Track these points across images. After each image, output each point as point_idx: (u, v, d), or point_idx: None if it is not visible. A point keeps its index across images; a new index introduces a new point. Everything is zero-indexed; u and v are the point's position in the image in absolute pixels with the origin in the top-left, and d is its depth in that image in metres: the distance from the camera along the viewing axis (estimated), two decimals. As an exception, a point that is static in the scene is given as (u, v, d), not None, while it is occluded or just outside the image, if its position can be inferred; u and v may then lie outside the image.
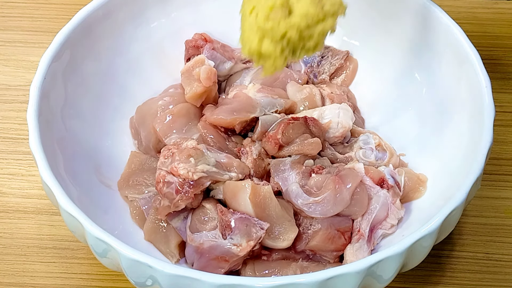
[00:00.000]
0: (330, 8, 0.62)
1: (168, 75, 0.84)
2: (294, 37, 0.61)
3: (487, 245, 0.77)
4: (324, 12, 0.61)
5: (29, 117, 0.70)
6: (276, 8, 0.60)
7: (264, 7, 0.61)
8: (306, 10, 0.60)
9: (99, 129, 0.79)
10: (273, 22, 0.60)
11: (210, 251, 0.68)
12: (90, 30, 0.79)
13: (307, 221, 0.71)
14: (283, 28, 0.61)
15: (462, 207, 0.66)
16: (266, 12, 0.61)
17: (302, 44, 0.62)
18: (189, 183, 0.69)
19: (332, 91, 0.82)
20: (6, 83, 0.91)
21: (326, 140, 0.77)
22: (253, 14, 0.62)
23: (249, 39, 0.62)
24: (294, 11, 0.61)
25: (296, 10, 0.61)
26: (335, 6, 0.62)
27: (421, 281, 0.75)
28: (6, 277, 0.75)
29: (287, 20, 0.60)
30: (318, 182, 0.72)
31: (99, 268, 0.75)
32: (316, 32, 0.62)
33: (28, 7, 0.99)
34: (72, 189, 0.70)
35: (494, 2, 0.99)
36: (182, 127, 0.77)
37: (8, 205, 0.80)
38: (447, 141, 0.75)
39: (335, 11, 0.62)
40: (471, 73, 0.74)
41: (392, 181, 0.73)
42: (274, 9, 0.60)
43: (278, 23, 0.61)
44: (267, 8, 0.61)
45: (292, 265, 0.70)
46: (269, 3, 0.60)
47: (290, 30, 0.61)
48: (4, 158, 0.84)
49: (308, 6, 0.60)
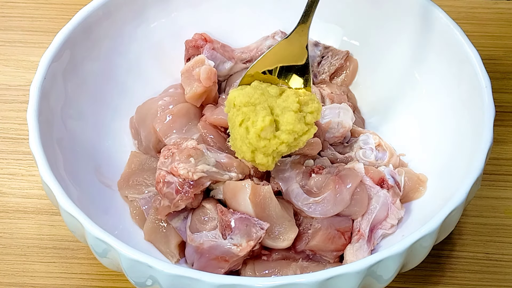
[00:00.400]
0: (311, 119, 0.69)
1: (168, 75, 0.84)
2: (283, 150, 0.68)
3: (487, 245, 0.77)
4: (307, 124, 0.68)
5: (29, 117, 0.70)
6: (265, 128, 0.67)
7: (255, 127, 0.67)
8: (292, 127, 0.67)
9: (99, 129, 0.79)
10: (264, 141, 0.67)
11: (210, 251, 0.68)
12: (90, 30, 0.79)
13: (307, 221, 0.71)
14: (274, 145, 0.67)
15: (462, 207, 0.66)
16: (257, 132, 0.67)
17: (289, 150, 0.69)
18: (189, 183, 0.69)
19: (332, 91, 0.82)
20: (6, 83, 0.91)
21: (326, 140, 0.77)
22: (242, 126, 0.68)
23: (241, 149, 0.68)
24: (281, 127, 0.68)
25: (283, 126, 0.67)
26: (315, 114, 0.69)
27: (421, 281, 0.75)
28: (6, 277, 0.75)
29: (276, 138, 0.67)
30: (318, 182, 0.72)
31: (99, 268, 0.75)
32: (301, 141, 0.69)
33: (28, 7, 0.99)
34: (72, 189, 0.70)
35: (494, 2, 0.99)
36: (182, 127, 0.77)
37: (8, 205, 0.80)
38: (447, 141, 0.75)
39: (315, 118, 0.69)
40: (471, 73, 0.74)
41: (392, 181, 0.73)
42: (264, 129, 0.67)
43: (269, 141, 0.67)
44: (258, 129, 0.67)
45: (292, 265, 0.70)
46: (259, 125, 0.67)
47: (280, 146, 0.67)
48: (4, 158, 0.84)
49: (293, 123, 0.67)
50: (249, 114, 0.68)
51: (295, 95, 0.70)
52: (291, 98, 0.69)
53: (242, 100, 0.69)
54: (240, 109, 0.69)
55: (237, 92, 0.70)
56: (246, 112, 0.68)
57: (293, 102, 0.69)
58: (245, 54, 0.84)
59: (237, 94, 0.70)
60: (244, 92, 0.70)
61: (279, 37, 0.85)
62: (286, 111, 0.68)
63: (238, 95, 0.69)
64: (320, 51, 0.86)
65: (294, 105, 0.68)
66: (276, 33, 0.85)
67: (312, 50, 0.85)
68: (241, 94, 0.69)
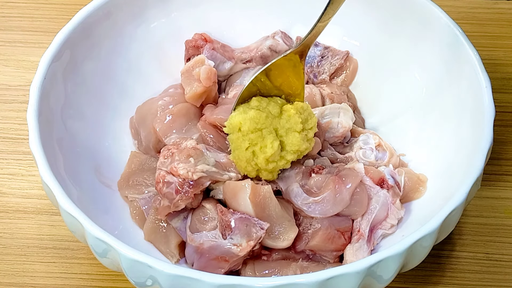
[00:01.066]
0: (311, 134, 0.71)
1: (168, 75, 0.84)
2: (287, 166, 0.71)
3: (487, 245, 0.77)
4: (308, 140, 0.71)
5: (29, 117, 0.70)
6: (274, 155, 0.69)
7: (264, 154, 0.69)
8: (298, 147, 0.70)
9: (99, 129, 0.79)
10: (272, 164, 0.70)
11: (210, 251, 0.68)
12: (90, 30, 0.79)
13: (307, 221, 0.71)
14: (281, 166, 0.71)
15: (462, 207, 0.66)
16: (266, 156, 0.69)
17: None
18: (189, 183, 0.69)
19: (332, 91, 0.82)
20: (6, 83, 0.91)
21: (326, 140, 0.77)
22: (249, 150, 0.70)
23: (246, 169, 0.71)
24: (286, 147, 0.70)
25: (288, 147, 0.70)
26: (314, 128, 0.72)
27: (421, 281, 0.75)
28: (6, 277, 0.75)
29: (283, 159, 0.70)
30: (318, 182, 0.72)
31: (99, 268, 0.75)
32: (302, 154, 0.72)
33: (28, 7, 0.99)
34: (72, 189, 0.70)
35: (494, 2, 0.99)
36: (182, 127, 0.77)
37: (8, 205, 0.80)
38: (447, 141, 0.75)
39: (314, 131, 0.72)
40: (471, 73, 0.74)
41: (392, 181, 0.73)
42: (273, 155, 0.69)
43: (276, 163, 0.70)
44: (268, 155, 0.69)
45: (292, 265, 0.70)
46: (269, 152, 0.69)
47: (285, 164, 0.71)
48: (4, 158, 0.84)
49: (299, 144, 0.70)
50: (256, 140, 0.70)
51: (297, 115, 0.71)
52: (294, 119, 0.71)
53: (250, 127, 0.70)
54: (247, 135, 0.70)
55: (242, 118, 0.70)
56: (253, 138, 0.70)
57: (297, 123, 0.71)
58: (245, 54, 0.84)
59: (243, 120, 0.70)
60: (250, 118, 0.70)
61: (279, 37, 0.85)
62: (290, 132, 0.71)
63: (245, 122, 0.70)
64: (320, 51, 0.86)
65: (298, 126, 0.70)
66: (276, 33, 0.85)
67: (312, 50, 0.85)
68: (247, 120, 0.70)
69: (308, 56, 0.85)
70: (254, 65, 0.84)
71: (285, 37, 0.86)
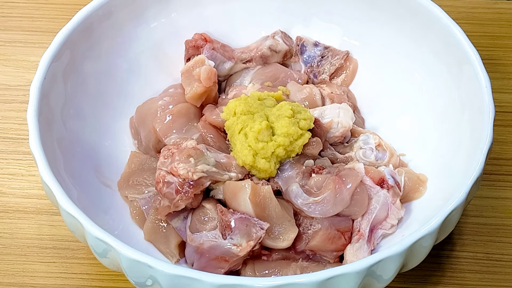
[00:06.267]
0: (304, 124, 0.73)
1: (168, 75, 0.84)
2: (281, 153, 0.72)
3: (487, 245, 0.77)
4: (301, 128, 0.72)
5: (29, 117, 0.70)
6: (262, 131, 0.71)
7: (252, 130, 0.71)
8: (287, 130, 0.71)
9: (99, 129, 0.79)
10: (262, 143, 0.71)
11: (210, 251, 0.68)
12: (90, 30, 0.79)
13: (307, 221, 0.71)
14: (272, 147, 0.71)
15: (462, 207, 0.66)
16: (255, 134, 0.71)
17: (287, 155, 0.73)
18: (189, 183, 0.69)
19: (332, 91, 0.82)
20: (6, 83, 0.91)
21: (326, 140, 0.77)
22: (241, 133, 0.72)
23: (242, 153, 0.71)
24: (277, 131, 0.72)
25: (278, 130, 0.72)
26: (308, 121, 0.73)
27: (421, 281, 0.75)
28: (6, 277, 0.75)
29: (273, 141, 0.71)
30: (318, 182, 0.72)
31: (99, 268, 0.75)
32: (297, 146, 0.72)
33: (28, 7, 0.99)
34: (72, 189, 0.70)
35: (494, 2, 0.99)
36: (182, 127, 0.77)
37: (8, 205, 0.80)
38: (447, 141, 0.75)
39: (309, 126, 0.73)
40: (471, 73, 0.74)
41: (392, 181, 0.73)
42: (260, 132, 0.71)
43: (266, 143, 0.71)
44: (255, 132, 0.71)
45: (292, 265, 0.70)
46: (256, 127, 0.71)
47: (277, 148, 0.71)
48: (4, 158, 0.84)
49: (287, 126, 0.72)
50: (247, 122, 0.72)
51: (288, 105, 0.74)
52: (285, 107, 0.74)
53: (243, 109, 0.73)
54: (240, 117, 0.73)
55: (238, 102, 0.74)
56: (245, 120, 0.73)
57: (287, 110, 0.73)
58: (245, 54, 0.84)
59: (238, 102, 0.74)
60: (245, 100, 0.74)
61: (279, 37, 0.85)
62: (281, 118, 0.73)
63: (239, 104, 0.73)
64: (320, 51, 0.86)
65: (288, 112, 0.73)
66: (276, 33, 0.86)
67: (312, 50, 0.85)
68: (242, 102, 0.74)
69: (308, 56, 0.85)
70: (254, 65, 0.84)
71: (285, 37, 0.86)
